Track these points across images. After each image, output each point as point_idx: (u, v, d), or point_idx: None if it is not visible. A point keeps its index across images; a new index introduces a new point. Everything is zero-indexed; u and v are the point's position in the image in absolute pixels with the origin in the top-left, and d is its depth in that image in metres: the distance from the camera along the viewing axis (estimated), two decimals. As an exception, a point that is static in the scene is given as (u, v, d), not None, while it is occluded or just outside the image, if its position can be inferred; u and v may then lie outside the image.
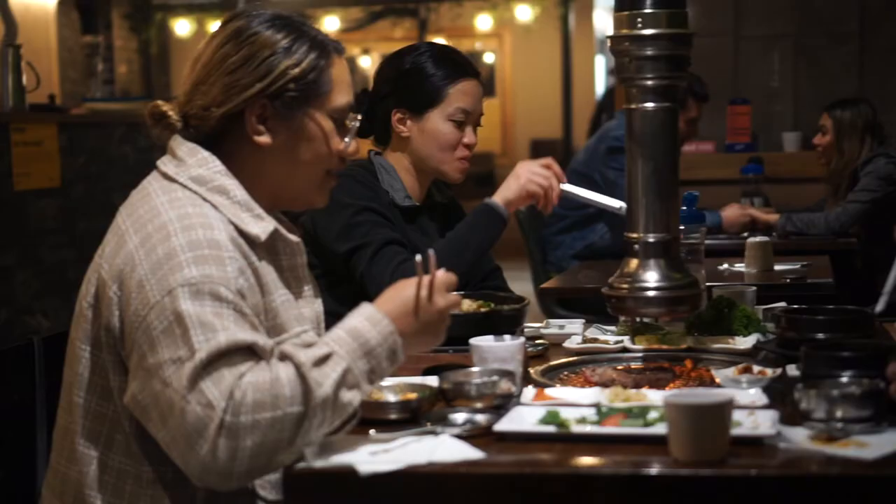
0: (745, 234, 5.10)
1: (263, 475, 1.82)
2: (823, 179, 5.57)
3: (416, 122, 2.85)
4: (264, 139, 1.94)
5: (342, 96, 1.98)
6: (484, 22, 14.41)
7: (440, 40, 14.37)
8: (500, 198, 2.80)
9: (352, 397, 1.78)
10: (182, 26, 13.54)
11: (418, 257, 1.88)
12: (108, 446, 1.87)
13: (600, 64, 15.93)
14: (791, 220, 5.18)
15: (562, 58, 14.54)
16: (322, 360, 1.76)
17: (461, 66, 2.88)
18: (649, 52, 2.25)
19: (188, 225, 1.82)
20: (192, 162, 1.92)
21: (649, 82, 2.27)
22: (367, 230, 2.72)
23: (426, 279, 1.86)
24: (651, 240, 2.30)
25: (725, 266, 4.20)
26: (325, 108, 1.96)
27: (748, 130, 6.38)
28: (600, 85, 15.57)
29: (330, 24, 13.53)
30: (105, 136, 5.93)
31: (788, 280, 3.81)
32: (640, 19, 2.24)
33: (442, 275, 1.89)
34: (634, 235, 2.32)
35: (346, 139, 2.01)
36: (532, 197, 2.81)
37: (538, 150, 15.02)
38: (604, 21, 16.09)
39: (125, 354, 1.81)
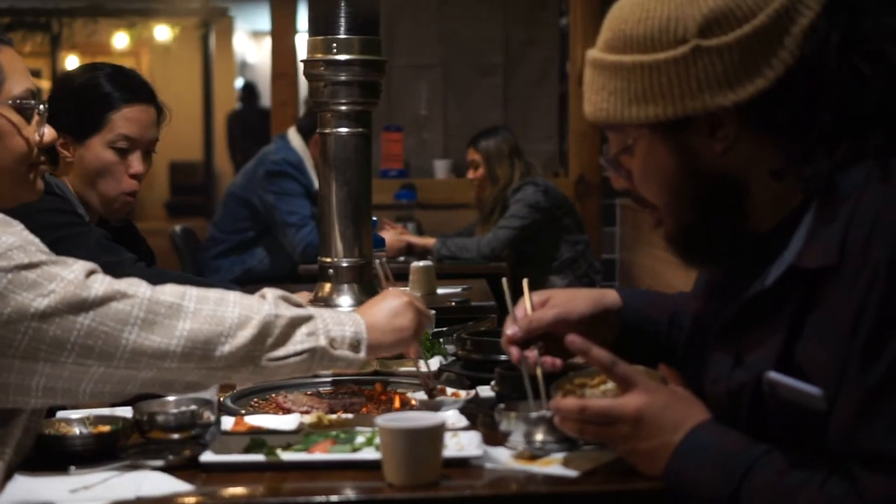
0: (402, 258, 5.22)
1: None
2: (476, 206, 5.78)
3: (78, 149, 2.73)
4: None
5: (19, 84, 1.91)
6: (121, 40, 14.00)
7: (73, 58, 13.87)
8: None
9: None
10: None
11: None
12: None
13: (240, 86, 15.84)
14: (446, 244, 5.34)
15: (202, 79, 14.38)
16: None
17: (130, 90, 2.77)
18: (343, 78, 2.26)
19: None
20: None
21: (343, 107, 2.28)
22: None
23: None
24: (345, 264, 2.31)
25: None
26: (4, 99, 1.89)
27: (401, 157, 6.55)
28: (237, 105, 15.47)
29: (-48, 36, 12.73)
30: None
31: (454, 303, 3.91)
32: (334, 44, 2.25)
33: None
34: (328, 260, 2.32)
35: (41, 128, 1.95)
36: None
37: (177, 172, 14.76)
38: (243, 44, 16.03)
39: None
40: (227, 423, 2.01)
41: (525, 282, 1.96)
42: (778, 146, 1.58)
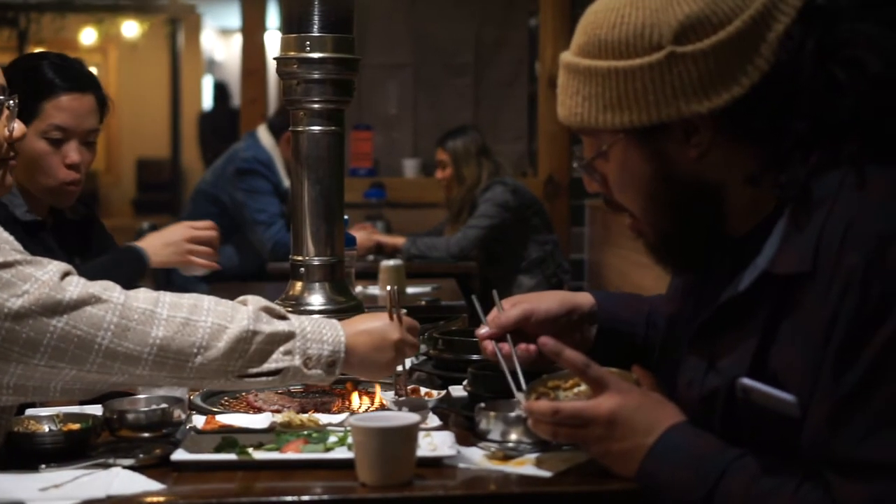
0: (371, 257, 5.21)
1: None
2: (446, 206, 5.78)
3: None
4: None
5: None
6: (88, 36, 13.91)
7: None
8: (151, 251, 2.83)
9: None
10: None
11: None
12: None
13: (209, 84, 15.79)
14: (416, 243, 5.34)
15: (170, 76, 14.31)
16: None
17: (66, 80, 2.72)
18: (316, 76, 2.25)
19: None
20: None
21: (316, 106, 2.27)
22: None
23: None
24: (316, 263, 2.30)
25: (360, 289, 4.26)
26: None
27: (370, 156, 6.54)
28: (208, 105, 15.42)
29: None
30: None
31: (424, 302, 3.91)
32: (308, 42, 2.24)
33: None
34: (300, 258, 2.31)
35: (10, 123, 1.89)
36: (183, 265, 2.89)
37: (144, 169, 14.67)
38: (211, 42, 15.96)
39: None
40: (199, 421, 2.00)
41: (494, 292, 1.98)
42: (753, 152, 1.58)
